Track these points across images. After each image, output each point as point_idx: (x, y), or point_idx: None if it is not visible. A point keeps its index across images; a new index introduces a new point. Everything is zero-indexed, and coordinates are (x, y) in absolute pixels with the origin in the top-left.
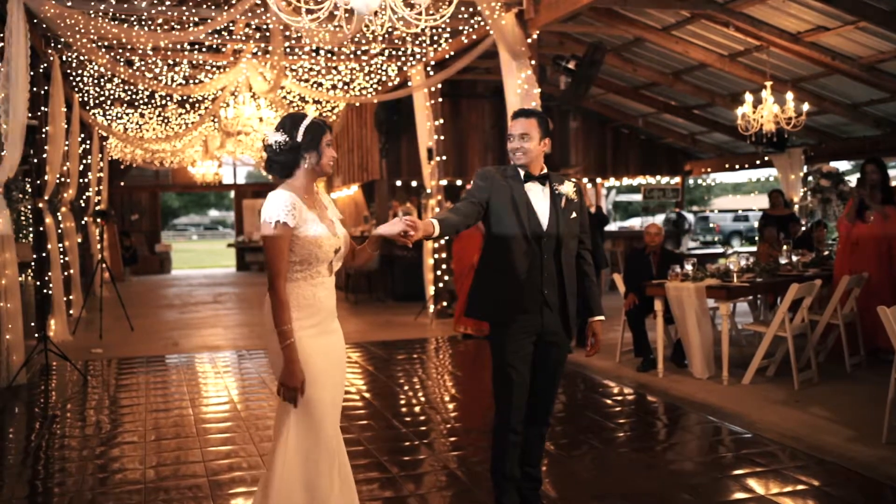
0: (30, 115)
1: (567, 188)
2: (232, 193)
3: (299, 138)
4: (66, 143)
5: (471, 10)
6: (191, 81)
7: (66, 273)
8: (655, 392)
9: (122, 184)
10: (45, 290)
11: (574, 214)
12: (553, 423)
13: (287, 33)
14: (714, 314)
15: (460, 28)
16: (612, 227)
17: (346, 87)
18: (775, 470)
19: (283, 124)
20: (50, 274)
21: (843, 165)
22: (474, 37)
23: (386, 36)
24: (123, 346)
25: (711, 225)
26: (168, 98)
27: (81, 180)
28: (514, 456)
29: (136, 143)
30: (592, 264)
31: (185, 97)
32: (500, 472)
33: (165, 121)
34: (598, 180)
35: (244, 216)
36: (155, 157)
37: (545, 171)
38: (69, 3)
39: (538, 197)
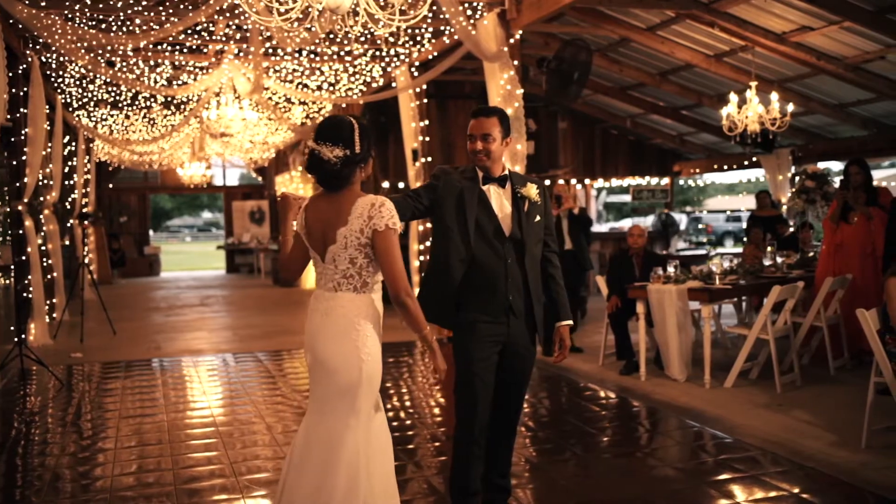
0: (8, 116)
1: (530, 191)
2: (222, 195)
3: (358, 149)
4: (50, 144)
5: (452, 10)
6: (174, 83)
7: (49, 276)
8: (638, 396)
9: (111, 186)
10: (24, 294)
11: (538, 218)
12: (536, 428)
13: (268, 34)
14: (697, 316)
15: (442, 28)
16: (602, 227)
17: (331, 88)
18: (755, 476)
19: (337, 136)
20: (30, 277)
21: (834, 166)
22: (456, 37)
23: (368, 36)
24: (105, 350)
25: (702, 225)
26: (153, 99)
27: (67, 182)
28: (477, 469)
29: (122, 145)
30: (559, 266)
31: (169, 98)
32: (462, 486)
33: (151, 122)
34: (587, 181)
35: (234, 218)
36: (142, 158)
37: (506, 172)
38: (43, 3)
39: (499, 199)
